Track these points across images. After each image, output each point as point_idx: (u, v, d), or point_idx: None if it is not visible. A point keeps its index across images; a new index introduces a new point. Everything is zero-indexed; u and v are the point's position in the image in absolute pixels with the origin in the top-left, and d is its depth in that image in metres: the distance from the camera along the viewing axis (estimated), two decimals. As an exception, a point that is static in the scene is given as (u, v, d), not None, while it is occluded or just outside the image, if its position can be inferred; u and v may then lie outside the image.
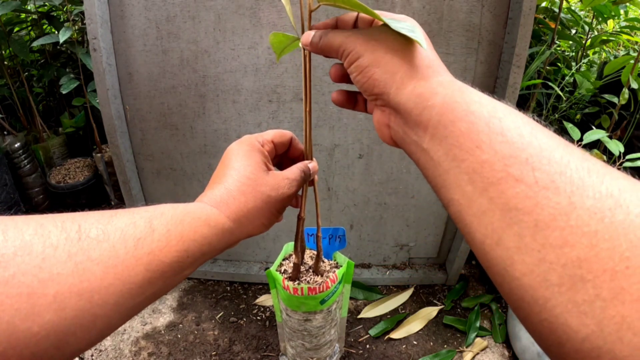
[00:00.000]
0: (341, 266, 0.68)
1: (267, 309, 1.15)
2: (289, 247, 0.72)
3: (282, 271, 0.68)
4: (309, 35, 0.35)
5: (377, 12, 0.29)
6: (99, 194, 1.58)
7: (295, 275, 0.64)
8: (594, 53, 1.86)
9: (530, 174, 0.19)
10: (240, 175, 0.35)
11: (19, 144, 1.46)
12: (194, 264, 0.29)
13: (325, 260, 0.69)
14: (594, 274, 0.16)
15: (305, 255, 0.70)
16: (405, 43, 0.29)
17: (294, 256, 0.66)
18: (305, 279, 0.64)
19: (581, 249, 0.17)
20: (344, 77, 0.36)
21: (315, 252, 0.67)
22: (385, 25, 0.29)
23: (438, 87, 0.26)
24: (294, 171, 0.40)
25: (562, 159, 0.19)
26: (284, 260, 0.71)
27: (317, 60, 0.91)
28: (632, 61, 1.26)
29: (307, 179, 0.42)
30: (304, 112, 0.44)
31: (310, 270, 0.66)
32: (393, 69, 0.28)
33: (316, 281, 0.63)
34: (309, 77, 0.42)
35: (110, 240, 0.24)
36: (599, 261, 0.16)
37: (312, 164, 0.44)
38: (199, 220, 0.30)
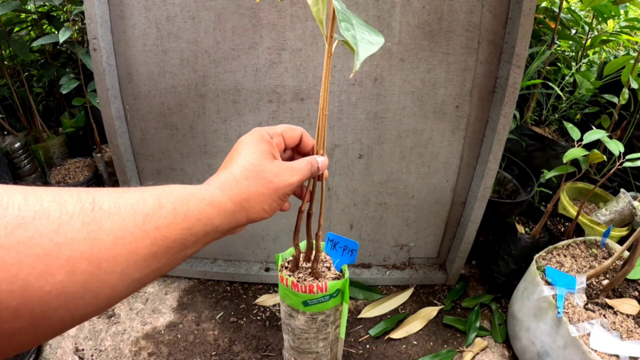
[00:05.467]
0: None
1: (267, 309, 1.15)
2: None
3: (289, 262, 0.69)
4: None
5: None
6: (99, 194, 1.58)
7: (293, 269, 0.65)
8: (594, 53, 1.86)
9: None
10: (245, 162, 0.37)
11: (19, 144, 1.46)
12: (196, 244, 0.31)
13: (333, 269, 0.69)
14: None
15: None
16: None
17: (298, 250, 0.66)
18: (302, 275, 0.65)
19: None
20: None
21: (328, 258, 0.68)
22: None
23: None
24: (300, 161, 0.41)
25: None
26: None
27: (317, 61, 0.91)
28: (632, 61, 1.26)
29: (314, 172, 0.43)
30: (320, 111, 0.44)
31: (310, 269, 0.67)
32: None
33: (306, 279, 0.64)
34: (327, 77, 0.42)
35: (121, 213, 0.25)
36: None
37: (322, 159, 0.45)
38: (203, 201, 0.31)
